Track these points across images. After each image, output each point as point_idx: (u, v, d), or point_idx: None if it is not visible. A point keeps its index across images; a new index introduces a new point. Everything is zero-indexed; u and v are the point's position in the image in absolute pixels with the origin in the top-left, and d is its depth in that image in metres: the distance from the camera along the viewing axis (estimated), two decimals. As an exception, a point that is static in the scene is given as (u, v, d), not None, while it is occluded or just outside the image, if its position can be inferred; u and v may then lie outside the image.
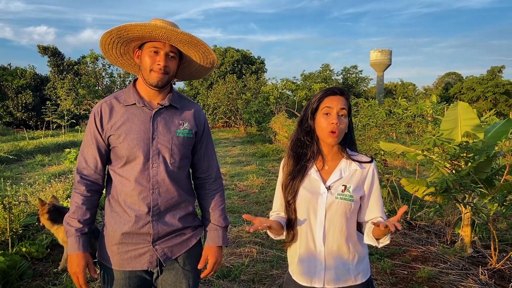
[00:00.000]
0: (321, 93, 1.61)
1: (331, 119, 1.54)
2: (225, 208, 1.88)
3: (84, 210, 1.66)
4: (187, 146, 1.73)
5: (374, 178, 1.62)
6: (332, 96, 1.58)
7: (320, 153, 1.63)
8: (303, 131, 1.64)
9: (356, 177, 1.60)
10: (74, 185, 1.69)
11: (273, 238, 1.70)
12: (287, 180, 1.64)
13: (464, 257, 3.95)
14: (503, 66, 45.71)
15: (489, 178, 3.65)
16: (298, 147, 1.65)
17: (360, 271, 1.62)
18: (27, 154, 12.50)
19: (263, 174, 9.10)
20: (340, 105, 1.55)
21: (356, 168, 1.60)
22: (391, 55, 60.85)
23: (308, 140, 1.63)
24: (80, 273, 1.63)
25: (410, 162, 9.57)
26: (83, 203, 1.66)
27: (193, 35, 1.59)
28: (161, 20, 1.63)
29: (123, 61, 1.79)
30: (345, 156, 1.63)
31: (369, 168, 1.62)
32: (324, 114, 1.56)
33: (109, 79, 26.47)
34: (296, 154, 1.65)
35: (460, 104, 4.14)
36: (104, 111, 1.66)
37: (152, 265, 1.68)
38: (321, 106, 1.58)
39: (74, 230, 1.64)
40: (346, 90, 1.61)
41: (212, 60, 1.75)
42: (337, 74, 48.65)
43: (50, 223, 3.59)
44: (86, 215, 1.66)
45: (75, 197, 1.67)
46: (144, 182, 1.64)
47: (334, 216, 1.57)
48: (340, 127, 1.54)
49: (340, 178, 1.59)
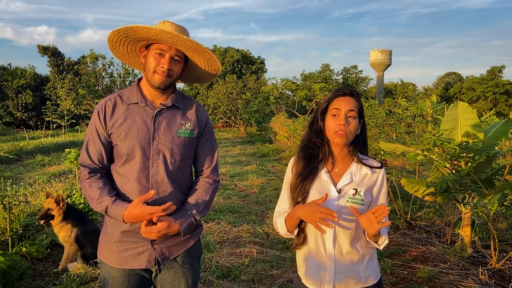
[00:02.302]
0: (330, 94, 1.61)
1: (339, 120, 1.54)
2: (207, 206, 1.77)
3: (108, 188, 1.65)
4: (188, 146, 1.73)
5: (383, 184, 1.63)
6: (341, 97, 1.57)
7: (331, 154, 1.63)
8: (314, 132, 1.64)
9: (367, 181, 1.60)
10: (86, 177, 1.66)
11: (283, 234, 1.63)
12: (297, 181, 1.62)
13: (464, 257, 3.95)
14: (503, 66, 45.78)
15: (489, 178, 3.65)
16: (309, 148, 1.65)
17: (370, 273, 1.61)
18: (27, 154, 12.50)
19: (263, 174, 9.11)
20: (348, 106, 1.55)
21: (366, 173, 1.60)
22: (391, 55, 60.91)
23: (319, 141, 1.63)
24: (145, 209, 1.55)
25: (410, 162, 9.56)
26: (104, 184, 1.65)
27: (199, 43, 1.60)
28: (170, 23, 1.64)
29: (130, 59, 1.80)
30: (355, 160, 1.62)
31: (379, 173, 1.62)
32: (333, 116, 1.56)
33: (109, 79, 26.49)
34: (307, 155, 1.64)
35: (460, 104, 4.14)
36: (107, 109, 1.68)
37: (150, 264, 1.69)
38: (330, 107, 1.58)
39: (111, 202, 1.61)
40: (356, 91, 1.61)
41: (216, 67, 1.76)
42: (337, 74, 48.69)
43: (62, 220, 3.64)
44: (111, 191, 1.65)
45: (93, 183, 1.64)
46: (143, 181, 1.65)
47: (345, 219, 1.56)
48: (347, 128, 1.54)
49: (351, 181, 1.59)
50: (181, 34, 1.57)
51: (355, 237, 1.58)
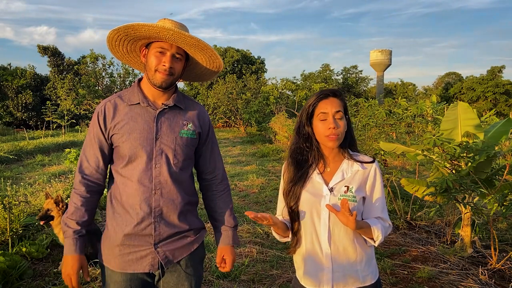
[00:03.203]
0: (314, 98, 1.59)
1: (328, 124, 1.53)
2: (233, 208, 1.88)
3: (83, 211, 1.65)
4: (190, 147, 1.72)
5: (376, 178, 1.61)
6: (325, 100, 1.56)
7: (322, 157, 1.62)
8: (302, 138, 1.63)
9: (358, 177, 1.59)
10: (75, 185, 1.68)
11: (278, 239, 1.70)
12: (288, 186, 1.63)
13: (464, 257, 3.95)
14: (503, 66, 45.75)
15: (489, 178, 3.65)
16: (298, 154, 1.64)
17: (368, 273, 1.61)
18: (27, 154, 12.50)
19: (263, 174, 9.11)
20: (334, 108, 1.54)
21: (358, 169, 1.60)
22: (391, 55, 60.90)
23: (308, 146, 1.62)
24: (74, 275, 1.63)
25: (410, 162, 9.57)
26: (82, 204, 1.65)
27: (200, 39, 1.58)
28: (170, 20, 1.61)
29: (130, 59, 1.78)
30: (346, 157, 1.62)
31: (371, 168, 1.61)
32: (321, 120, 1.55)
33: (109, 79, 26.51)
34: (296, 161, 1.64)
35: (460, 104, 4.14)
36: (108, 110, 1.65)
37: (153, 268, 1.66)
38: (316, 112, 1.57)
39: (72, 231, 1.64)
40: (338, 90, 1.60)
41: (218, 65, 1.74)
42: (337, 74, 48.67)
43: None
44: (85, 216, 1.66)
45: (74, 197, 1.66)
46: (146, 183, 1.62)
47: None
48: (338, 131, 1.54)
49: (342, 179, 1.58)
50: (182, 31, 1.55)
51: (351, 235, 1.58)
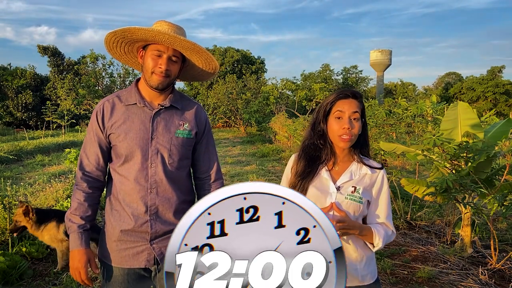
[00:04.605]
0: (333, 96, 1.60)
1: (343, 124, 1.54)
2: None
3: (86, 206, 1.69)
4: (186, 147, 1.74)
5: (384, 184, 1.63)
6: (344, 100, 1.57)
7: (333, 155, 1.63)
8: (316, 134, 1.64)
9: (366, 180, 1.61)
10: (76, 182, 1.71)
11: None
12: (296, 180, 1.63)
13: (464, 257, 3.95)
14: (503, 66, 45.75)
15: (489, 178, 3.65)
16: (311, 149, 1.65)
17: (368, 272, 1.62)
18: (27, 154, 12.50)
19: (263, 174, 9.11)
20: (352, 108, 1.55)
21: (366, 172, 1.61)
22: (391, 55, 60.84)
23: (322, 143, 1.63)
24: (82, 269, 1.65)
25: (410, 162, 9.56)
26: (85, 199, 1.69)
27: (196, 43, 1.61)
28: (167, 23, 1.64)
29: (127, 59, 1.81)
30: (356, 159, 1.63)
31: (379, 174, 1.63)
32: (336, 118, 1.56)
33: (109, 79, 26.47)
34: (309, 156, 1.65)
35: (460, 104, 4.14)
36: (106, 110, 1.69)
37: (149, 263, 1.70)
38: (333, 110, 1.58)
39: (76, 226, 1.66)
40: (359, 92, 1.61)
41: (214, 67, 1.77)
42: (337, 74, 48.62)
43: (38, 225, 3.54)
44: (88, 211, 1.69)
45: (77, 193, 1.69)
46: (142, 182, 1.67)
47: None
48: (352, 132, 1.54)
49: (350, 179, 1.60)
50: (178, 35, 1.58)
51: (352, 236, 1.58)
